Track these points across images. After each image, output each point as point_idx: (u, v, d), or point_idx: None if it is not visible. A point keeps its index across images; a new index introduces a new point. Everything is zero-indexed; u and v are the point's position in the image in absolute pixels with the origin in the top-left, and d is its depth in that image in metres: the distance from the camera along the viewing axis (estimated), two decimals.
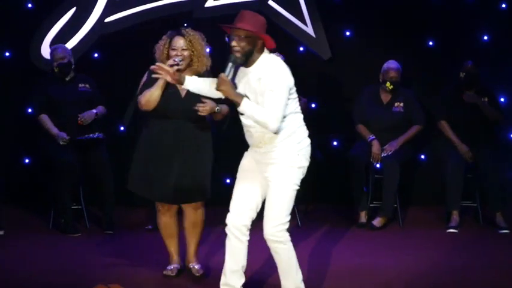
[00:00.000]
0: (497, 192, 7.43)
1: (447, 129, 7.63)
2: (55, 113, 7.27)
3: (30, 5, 8.11)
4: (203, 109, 5.28)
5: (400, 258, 6.18)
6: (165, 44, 5.57)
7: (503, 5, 8.29)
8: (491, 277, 5.76)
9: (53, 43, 7.84)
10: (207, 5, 8.03)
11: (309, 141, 4.91)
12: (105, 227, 7.25)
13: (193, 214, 5.72)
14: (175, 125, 5.52)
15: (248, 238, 4.90)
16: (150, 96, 5.46)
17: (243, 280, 4.97)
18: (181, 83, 5.09)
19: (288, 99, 4.74)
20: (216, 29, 8.14)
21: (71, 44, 7.83)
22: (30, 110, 8.07)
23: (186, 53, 5.52)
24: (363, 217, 7.57)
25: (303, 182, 7.88)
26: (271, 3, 8.09)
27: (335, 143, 8.39)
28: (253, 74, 4.76)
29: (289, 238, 4.83)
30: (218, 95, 5.02)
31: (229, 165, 8.34)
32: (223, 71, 4.76)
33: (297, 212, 7.52)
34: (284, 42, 8.18)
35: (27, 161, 8.15)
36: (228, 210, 4.62)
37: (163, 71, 5.10)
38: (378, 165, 7.67)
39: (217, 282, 5.06)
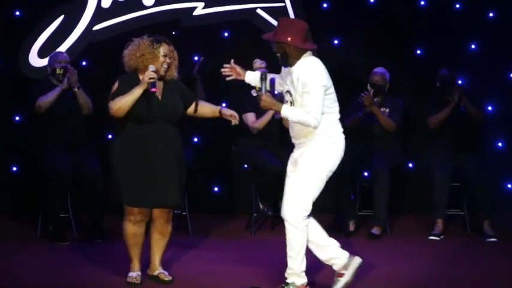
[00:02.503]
0: (487, 201, 7.43)
1: (437, 115, 7.62)
2: (52, 116, 7.21)
3: (18, 13, 8.10)
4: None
5: (388, 266, 6.18)
6: (155, 47, 5.50)
7: (491, 14, 8.33)
8: (479, 285, 5.78)
9: (41, 51, 7.83)
10: (195, 13, 8.03)
11: (341, 138, 5.39)
12: (94, 235, 7.22)
13: (164, 226, 5.68)
14: (158, 127, 5.51)
15: (306, 225, 5.37)
16: (124, 104, 5.42)
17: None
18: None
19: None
20: (204, 37, 8.24)
21: None
22: (17, 118, 8.06)
23: (169, 61, 5.58)
24: (351, 226, 7.55)
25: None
26: (259, 11, 8.10)
27: None
28: (295, 73, 5.28)
29: (306, 225, 5.33)
30: None
31: (218, 174, 8.40)
32: (260, 89, 5.39)
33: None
34: (272, 50, 8.20)
35: (14, 169, 8.12)
36: (217, 219, 4.64)
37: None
38: (365, 174, 7.66)
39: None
